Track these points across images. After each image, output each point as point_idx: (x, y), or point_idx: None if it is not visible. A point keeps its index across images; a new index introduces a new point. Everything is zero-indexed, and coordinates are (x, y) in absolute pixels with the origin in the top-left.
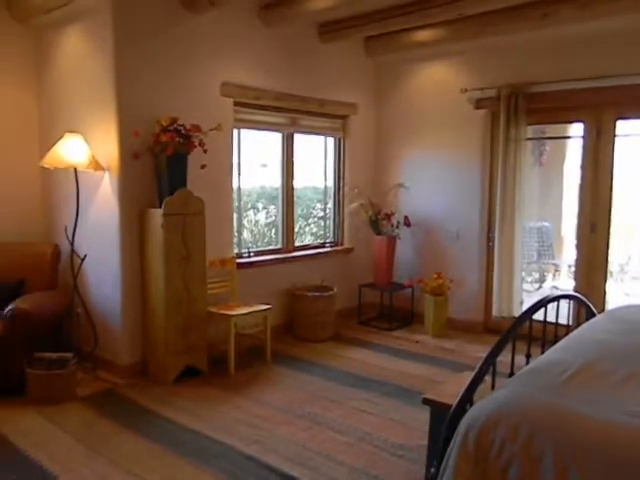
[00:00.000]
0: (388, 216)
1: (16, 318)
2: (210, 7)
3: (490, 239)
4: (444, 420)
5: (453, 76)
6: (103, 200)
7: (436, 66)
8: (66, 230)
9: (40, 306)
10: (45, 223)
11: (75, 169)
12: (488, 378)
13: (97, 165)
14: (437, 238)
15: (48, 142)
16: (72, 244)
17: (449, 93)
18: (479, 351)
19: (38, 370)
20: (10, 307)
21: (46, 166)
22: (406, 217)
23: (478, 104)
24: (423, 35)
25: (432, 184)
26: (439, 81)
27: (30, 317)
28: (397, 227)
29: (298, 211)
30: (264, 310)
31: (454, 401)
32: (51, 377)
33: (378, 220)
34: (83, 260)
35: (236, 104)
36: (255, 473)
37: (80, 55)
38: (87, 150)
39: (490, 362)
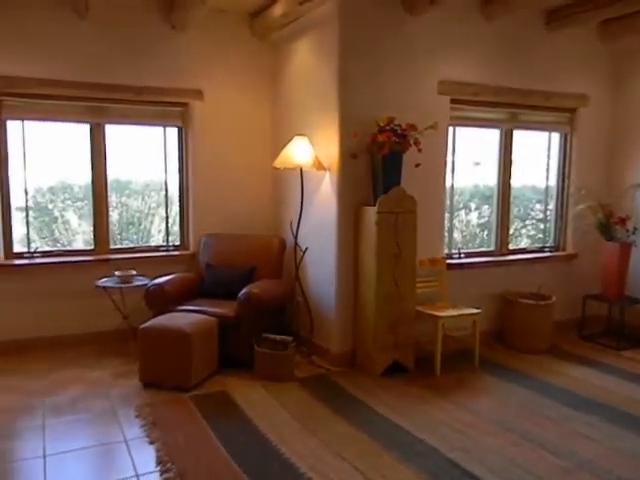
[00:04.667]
0: (622, 220)
1: (249, 300)
2: (430, 7)
3: None
4: None
5: None
6: (323, 198)
7: None
8: (291, 225)
9: (268, 292)
10: (273, 217)
11: (301, 169)
12: None
13: (320, 165)
14: None
15: (278, 145)
16: (295, 238)
17: None
18: None
19: (264, 349)
20: (244, 291)
21: (277, 167)
22: None
23: None
24: None
25: None
26: None
27: (260, 301)
28: (633, 233)
29: (514, 212)
30: (474, 314)
31: None
32: (275, 357)
33: (609, 224)
34: (304, 253)
35: (453, 101)
36: None
37: (308, 64)
38: (312, 151)
39: None
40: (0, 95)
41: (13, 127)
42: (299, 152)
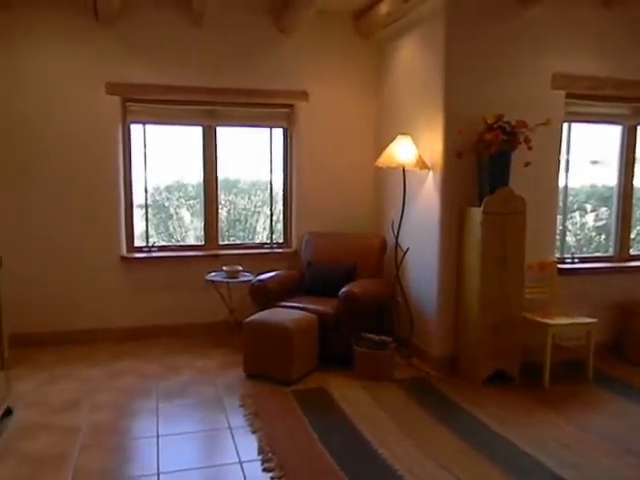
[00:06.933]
0: None
1: (348, 299)
2: None
3: None
4: None
5: None
6: (426, 197)
7: None
8: (392, 224)
9: (367, 291)
10: (374, 217)
11: (403, 168)
12: None
13: (423, 164)
14: None
15: (381, 144)
16: (397, 237)
17: None
18: None
19: (363, 348)
20: (344, 289)
21: (380, 166)
22: None
23: None
24: None
25: None
26: None
27: (359, 300)
28: None
29: (637, 214)
30: (588, 323)
31: None
32: (374, 356)
33: None
34: (405, 253)
35: (568, 96)
36: None
37: (412, 61)
38: (415, 150)
39: None
40: (126, 101)
41: (135, 130)
42: (402, 151)
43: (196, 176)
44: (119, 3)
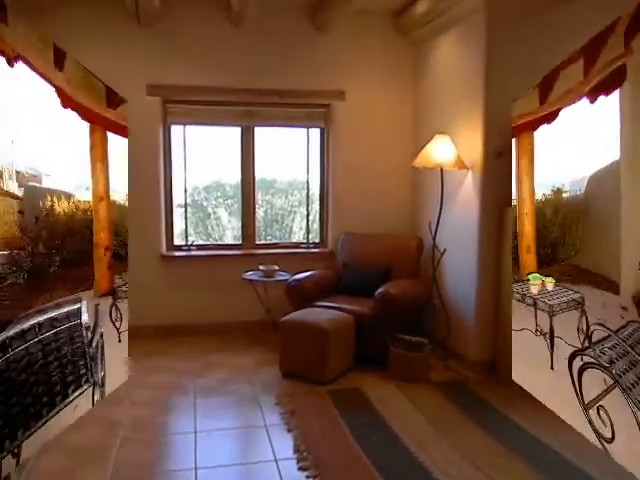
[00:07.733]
0: None
1: (384, 300)
2: None
3: None
4: None
5: None
6: (464, 198)
7: None
8: (429, 225)
9: (403, 292)
10: (411, 218)
11: (441, 168)
12: None
13: (461, 164)
14: None
15: (419, 143)
16: (434, 239)
17: None
18: None
19: (399, 349)
20: (380, 290)
21: (417, 166)
22: None
23: None
24: None
25: None
26: None
27: (395, 301)
28: None
29: None
30: None
31: None
32: (410, 357)
33: None
34: (443, 254)
35: None
36: None
37: (451, 60)
38: (453, 150)
39: None
40: (166, 103)
41: (175, 131)
42: (440, 151)
43: (234, 176)
44: (159, 5)
